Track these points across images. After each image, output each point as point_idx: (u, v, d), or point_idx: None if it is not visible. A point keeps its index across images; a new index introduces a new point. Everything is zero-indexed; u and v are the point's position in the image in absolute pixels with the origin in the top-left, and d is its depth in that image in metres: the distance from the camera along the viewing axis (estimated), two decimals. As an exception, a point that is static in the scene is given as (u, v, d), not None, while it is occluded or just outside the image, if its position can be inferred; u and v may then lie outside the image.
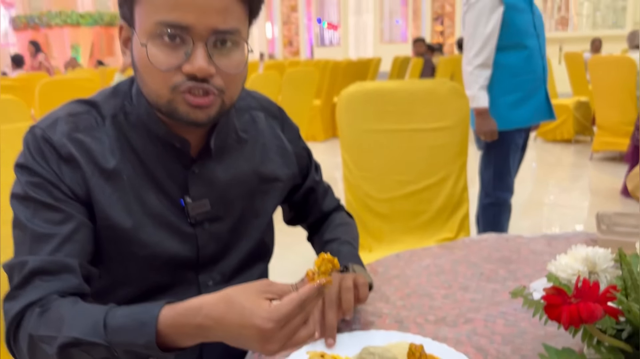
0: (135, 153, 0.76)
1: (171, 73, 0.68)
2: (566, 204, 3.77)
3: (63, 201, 0.71)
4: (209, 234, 0.80)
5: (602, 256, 0.69)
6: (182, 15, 0.65)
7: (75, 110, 0.76)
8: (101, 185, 0.73)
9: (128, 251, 0.76)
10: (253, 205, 0.86)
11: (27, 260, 0.67)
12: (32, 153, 0.71)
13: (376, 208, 1.73)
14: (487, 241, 1.13)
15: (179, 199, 0.78)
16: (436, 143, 1.73)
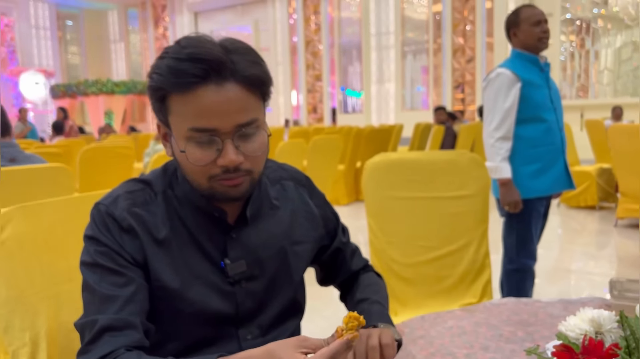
0: (182, 223, 0.88)
1: (208, 166, 0.82)
2: (592, 271, 3.75)
3: (125, 267, 0.83)
4: (246, 292, 0.91)
5: (607, 318, 0.77)
6: (208, 121, 0.79)
7: (132, 188, 0.89)
8: (154, 251, 0.85)
9: (177, 308, 0.87)
10: (284, 265, 0.97)
11: (97, 319, 0.79)
12: (98, 226, 0.85)
13: (401, 273, 1.80)
14: (507, 305, 1.19)
15: (219, 261, 0.89)
16: (458, 210, 1.82)
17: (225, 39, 0.82)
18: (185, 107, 0.79)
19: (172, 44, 0.82)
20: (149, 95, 0.83)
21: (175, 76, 0.78)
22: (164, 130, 0.87)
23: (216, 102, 0.78)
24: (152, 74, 0.81)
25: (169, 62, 0.78)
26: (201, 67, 0.77)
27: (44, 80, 15.93)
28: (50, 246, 1.03)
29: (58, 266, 1.03)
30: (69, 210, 1.09)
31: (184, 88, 0.78)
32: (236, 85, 0.79)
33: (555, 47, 10.72)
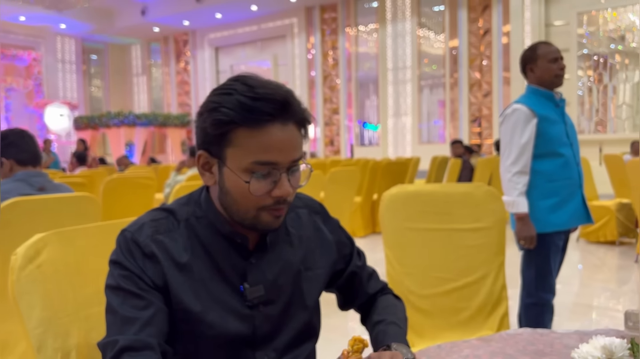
0: (204, 249, 0.95)
1: (262, 197, 0.90)
2: (613, 307, 3.69)
3: (146, 291, 0.89)
4: (263, 316, 0.96)
5: (618, 345, 0.79)
6: (273, 156, 0.88)
7: (157, 216, 0.96)
8: (176, 275, 0.91)
9: (197, 331, 0.92)
10: (299, 290, 1.02)
11: (117, 339, 0.84)
12: (123, 251, 0.91)
13: (418, 304, 1.82)
14: (523, 335, 1.21)
15: (239, 286, 0.95)
16: (474, 243, 1.84)
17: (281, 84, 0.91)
18: (252, 141, 0.87)
19: (230, 82, 0.90)
20: (210, 125, 0.88)
21: (249, 112, 0.85)
22: (209, 160, 0.92)
23: (281, 138, 0.88)
24: (220, 108, 0.87)
25: (241, 99, 0.86)
26: (273, 106, 0.86)
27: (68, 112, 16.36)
28: (82, 271, 1.09)
29: (88, 290, 1.09)
30: (99, 237, 1.15)
31: (256, 124, 0.86)
32: (294, 125, 0.90)
33: (572, 82, 10.75)
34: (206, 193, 0.98)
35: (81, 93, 18.23)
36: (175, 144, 17.06)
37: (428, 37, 13.04)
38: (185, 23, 16.24)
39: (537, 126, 2.24)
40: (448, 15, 12.52)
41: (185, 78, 17.63)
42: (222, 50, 16.82)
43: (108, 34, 17.51)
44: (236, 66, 16.49)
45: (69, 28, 16.86)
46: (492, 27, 11.92)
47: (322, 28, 14.49)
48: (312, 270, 1.04)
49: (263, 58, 15.85)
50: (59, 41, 17.50)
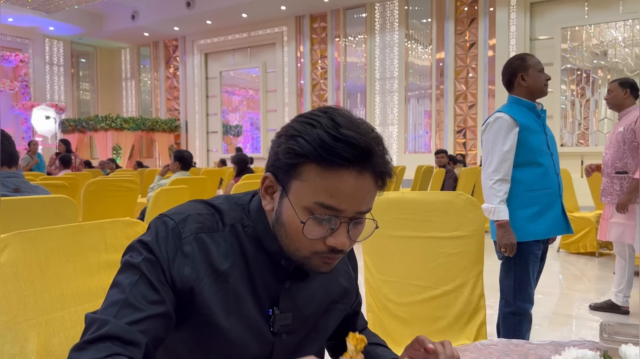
0: (245, 261, 0.88)
1: (315, 242, 0.82)
2: (592, 318, 3.70)
3: (163, 286, 0.82)
4: (283, 344, 0.91)
5: (590, 357, 0.77)
6: (339, 203, 0.79)
7: (202, 210, 0.89)
8: (210, 281, 0.84)
9: (217, 344, 0.86)
10: (321, 323, 0.98)
11: (108, 321, 0.76)
12: (158, 238, 0.83)
13: (396, 312, 1.80)
14: (497, 345, 1.19)
15: (268, 309, 0.89)
16: (453, 251, 1.83)
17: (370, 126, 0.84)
18: (321, 181, 0.79)
19: (319, 112, 0.82)
20: (284, 151, 0.81)
21: (325, 152, 0.77)
22: (274, 185, 0.86)
23: (353, 188, 0.79)
24: (298, 137, 0.80)
25: (322, 135, 0.78)
26: (354, 152, 0.78)
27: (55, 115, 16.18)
28: (45, 274, 1.05)
29: (51, 294, 1.05)
30: (66, 239, 1.11)
31: (329, 165, 0.78)
32: (371, 177, 0.81)
33: (555, 95, 10.88)
34: (259, 203, 0.90)
35: (69, 96, 18.08)
36: (163, 149, 16.95)
37: (415, 48, 13.14)
38: (175, 28, 16.19)
39: (518, 135, 2.25)
40: (435, 28, 12.63)
41: (174, 84, 17.55)
42: (212, 56, 16.79)
43: (97, 37, 17.40)
44: (225, 72, 16.45)
45: (58, 30, 16.73)
46: (478, 40, 12.04)
47: (312, 37, 14.54)
48: (336, 303, 1.00)
49: (252, 65, 15.84)
50: (47, 43, 17.35)
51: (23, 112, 16.50)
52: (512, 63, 2.42)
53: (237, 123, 16.49)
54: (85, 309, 1.10)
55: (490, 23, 11.81)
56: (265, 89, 15.58)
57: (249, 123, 16.24)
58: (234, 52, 16.28)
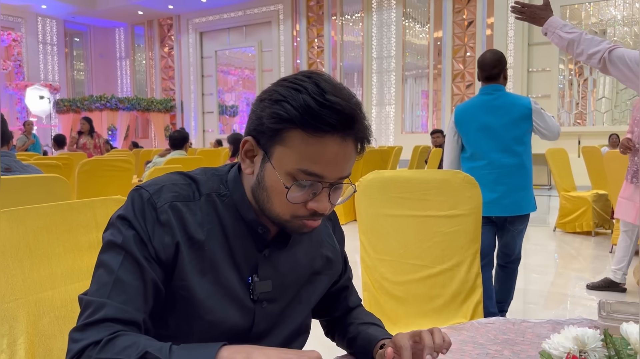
0: (222, 230, 0.87)
1: (297, 206, 0.83)
2: (587, 296, 3.72)
3: (148, 260, 0.81)
4: (264, 312, 0.91)
5: (591, 336, 0.75)
6: (322, 169, 0.80)
7: (178, 181, 0.88)
8: (187, 251, 0.84)
9: (195, 312, 0.85)
10: (303, 293, 0.97)
11: (105, 303, 0.77)
12: (135, 211, 0.83)
13: (392, 291, 1.79)
14: (494, 324, 1.18)
15: (247, 277, 0.89)
16: (450, 230, 1.81)
17: (351, 92, 0.83)
18: (306, 148, 0.79)
19: (303, 77, 0.82)
20: (268, 116, 0.81)
21: (311, 117, 0.78)
22: (255, 149, 0.85)
23: (336, 154, 0.80)
24: (283, 102, 0.80)
25: (308, 101, 0.78)
26: (339, 119, 0.78)
27: (49, 95, 16.01)
28: (34, 253, 1.02)
29: (40, 273, 1.03)
30: (55, 217, 1.09)
31: (314, 131, 0.78)
32: (352, 143, 0.82)
33: (553, 74, 10.81)
34: (237, 173, 0.91)
35: (63, 75, 17.86)
36: (158, 129, 16.84)
37: (413, 27, 12.99)
38: (170, 7, 15.95)
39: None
40: (433, 6, 12.48)
41: (169, 63, 17.36)
42: (207, 35, 16.58)
43: (91, 16, 17.13)
44: (220, 52, 16.27)
45: (51, 9, 16.45)
46: (476, 18, 11.91)
47: (308, 15, 14.35)
48: (319, 274, 1.01)
49: (248, 44, 15.65)
50: (40, 22, 17.07)
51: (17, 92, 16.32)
52: (502, 57, 2.72)
53: (233, 103, 16.36)
54: (75, 289, 1.08)
55: (488, 1, 11.67)
56: (261, 69, 15.42)
57: (244, 104, 16.12)
58: (229, 30, 16.07)
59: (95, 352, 0.74)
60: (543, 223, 6.88)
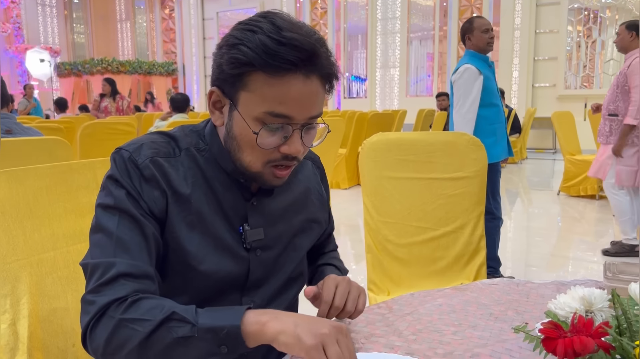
0: (206, 182, 0.87)
1: (270, 151, 0.82)
2: (590, 259, 3.74)
3: (142, 215, 0.81)
4: (259, 260, 0.91)
5: (598, 296, 0.74)
6: (289, 109, 0.78)
7: (157, 139, 0.88)
8: (174, 205, 0.84)
9: (189, 265, 0.85)
10: (296, 240, 0.98)
11: (114, 262, 0.76)
12: (119, 170, 0.82)
13: (395, 253, 1.79)
14: (498, 285, 1.17)
15: (238, 227, 0.89)
16: (454, 192, 1.80)
17: (312, 28, 0.82)
18: (268, 89, 0.77)
19: (258, 17, 0.80)
20: (227, 62, 0.79)
21: (270, 57, 0.75)
22: (221, 99, 0.84)
23: (301, 92, 0.78)
24: (240, 46, 0.77)
25: (265, 40, 0.76)
26: (298, 55, 0.76)
27: (50, 58, 15.83)
28: (34, 213, 1.01)
29: (42, 234, 1.02)
30: (55, 178, 1.07)
31: (275, 71, 0.76)
32: (317, 79, 0.80)
33: (561, 36, 10.58)
34: (212, 126, 0.90)
35: (63, 38, 17.63)
36: (160, 93, 16.69)
37: (419, -14, 12.67)
38: (169, -34, 15.58)
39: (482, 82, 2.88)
40: (440, -36, 12.14)
41: (170, 26, 17.08)
42: (208, -4, 16.25)
43: (89, -24, 16.77)
44: (222, 13, 15.96)
45: (47, -31, 16.11)
46: (484, -23, 11.60)
47: (311, -25, 14.01)
48: (311, 222, 1.01)
49: (250, 5, 15.33)
50: (37, -17, 16.75)
51: (17, 55, 16.14)
52: (463, 25, 3.08)
53: (235, 66, 16.13)
54: (78, 250, 1.08)
55: (496, -40, 11.33)
56: (264, 30, 15.12)
57: (247, 66, 15.89)
58: (231, -9, 15.74)
59: (119, 312, 0.73)
60: (547, 187, 6.87)
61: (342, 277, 0.94)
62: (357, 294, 0.91)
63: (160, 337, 0.71)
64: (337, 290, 0.89)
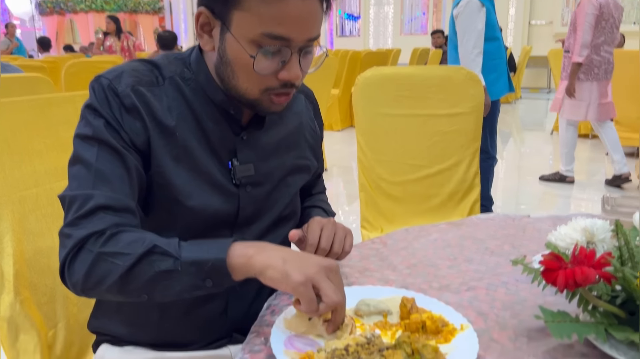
0: (193, 114, 0.81)
1: (267, 77, 0.76)
2: (582, 197, 3.76)
3: (123, 147, 0.76)
4: (249, 197, 0.86)
5: (600, 227, 0.72)
6: (287, 30, 0.72)
7: (139, 67, 0.81)
8: (157, 137, 0.78)
9: (176, 200, 0.80)
10: (289, 176, 0.93)
11: (92, 194, 0.72)
12: (98, 99, 0.76)
13: (389, 191, 1.77)
14: (494, 220, 1.16)
15: (227, 161, 0.84)
16: (450, 128, 1.76)
17: None
18: (266, 8, 0.71)
19: None
20: None
21: None
22: (211, 21, 0.77)
23: (301, 11, 0.72)
24: None
25: None
26: None
27: (31, -4, 15.18)
28: (13, 149, 0.96)
29: (22, 171, 0.97)
30: (33, 112, 1.02)
31: None
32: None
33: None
34: (198, 53, 0.84)
35: (42, -26, 16.84)
36: (147, 32, 16.15)
37: None
38: None
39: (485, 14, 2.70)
40: None
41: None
42: None
43: None
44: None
45: None
46: None
47: None
48: (303, 159, 0.96)
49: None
50: None
51: (-5, -8, 15.47)
52: None
53: (224, 3, 15.59)
54: (61, 187, 1.02)
55: None
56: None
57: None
58: None
59: (97, 246, 0.69)
60: (540, 127, 6.84)
61: (327, 219, 0.90)
62: (344, 235, 0.88)
63: (141, 271, 0.68)
64: (323, 232, 0.86)
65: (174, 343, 0.85)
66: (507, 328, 0.72)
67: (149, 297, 0.70)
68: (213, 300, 0.84)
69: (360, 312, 0.75)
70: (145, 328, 0.85)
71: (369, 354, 0.64)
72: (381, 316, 0.75)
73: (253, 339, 0.71)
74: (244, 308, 0.87)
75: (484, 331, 0.71)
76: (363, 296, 0.78)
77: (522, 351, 0.66)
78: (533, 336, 0.70)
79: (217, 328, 0.86)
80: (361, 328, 0.73)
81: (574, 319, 0.67)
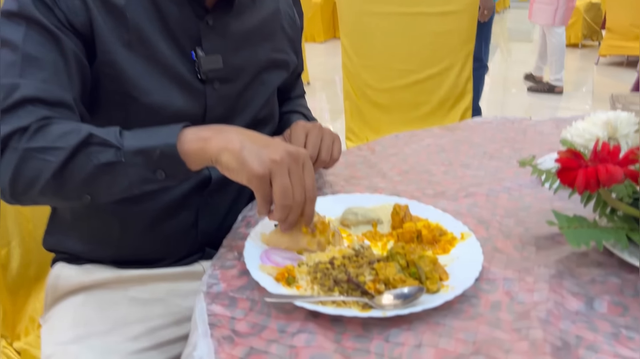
0: None
1: None
2: (569, 107, 3.69)
3: (57, 27, 0.62)
4: (218, 95, 0.74)
5: (624, 120, 0.63)
6: None
7: None
8: (104, 18, 0.65)
9: (130, 95, 0.68)
10: (261, 73, 0.80)
11: (18, 83, 0.59)
12: None
13: (375, 98, 1.65)
14: (492, 123, 1.06)
15: (190, 51, 0.70)
16: (442, 29, 1.62)
17: None
18: None
19: None
20: None
21: None
22: None
23: None
24: None
25: None
26: None
27: None
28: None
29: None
30: None
31: None
32: None
33: None
34: None
35: None
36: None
37: None
38: None
39: None
40: None
41: None
42: None
43: None
44: None
45: None
46: None
47: None
48: (279, 52, 0.82)
49: None
50: None
51: None
52: None
53: None
54: None
55: None
56: None
57: None
58: None
59: (22, 142, 0.58)
60: (527, 38, 6.64)
61: (313, 123, 0.79)
62: (331, 141, 0.77)
63: (78, 166, 0.57)
64: (308, 138, 0.75)
65: (139, 259, 0.76)
66: (512, 236, 0.64)
67: (93, 197, 0.60)
68: (181, 212, 0.74)
69: (346, 222, 0.67)
70: (105, 244, 0.75)
71: (358, 268, 0.56)
72: (370, 226, 0.67)
73: (225, 254, 0.62)
74: (217, 220, 0.78)
75: (486, 240, 0.63)
76: (350, 204, 0.69)
77: (531, 261, 0.59)
78: (542, 244, 0.62)
79: (187, 242, 0.77)
80: (348, 239, 0.64)
81: (592, 224, 0.58)
